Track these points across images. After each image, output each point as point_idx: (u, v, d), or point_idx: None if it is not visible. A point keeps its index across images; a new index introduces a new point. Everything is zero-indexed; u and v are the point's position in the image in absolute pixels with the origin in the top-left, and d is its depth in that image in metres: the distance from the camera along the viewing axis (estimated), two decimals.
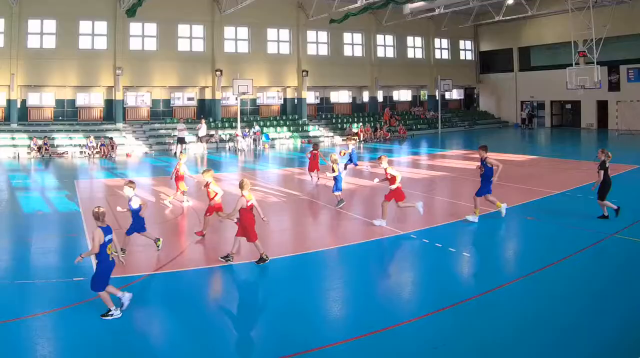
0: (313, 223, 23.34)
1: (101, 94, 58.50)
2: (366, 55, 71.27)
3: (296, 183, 33.13)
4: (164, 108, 61.79)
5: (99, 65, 55.94)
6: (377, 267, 16.98)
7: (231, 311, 13.70)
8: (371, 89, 72.05)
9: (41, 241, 19.09)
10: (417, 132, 68.93)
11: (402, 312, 13.18)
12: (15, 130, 52.28)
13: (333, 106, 72.35)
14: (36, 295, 13.76)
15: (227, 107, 64.16)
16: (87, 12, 55.24)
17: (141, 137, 56.51)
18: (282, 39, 65.88)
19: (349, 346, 11.17)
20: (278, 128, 62.75)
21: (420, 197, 25.25)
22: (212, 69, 60.71)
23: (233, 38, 62.94)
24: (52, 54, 54.14)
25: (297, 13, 65.41)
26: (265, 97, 67.89)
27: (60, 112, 57.11)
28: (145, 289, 14.72)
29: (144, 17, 55.18)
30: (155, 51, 58.66)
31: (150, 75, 58.48)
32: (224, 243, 18.84)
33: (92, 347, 11.21)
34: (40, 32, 54.17)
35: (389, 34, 72.74)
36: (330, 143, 61.64)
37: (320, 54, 68.26)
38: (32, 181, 35.63)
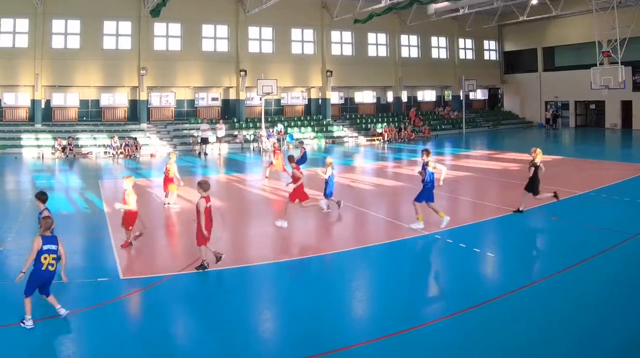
0: (337, 224, 22.57)
1: (125, 94, 57.34)
2: (390, 56, 69.26)
3: (320, 184, 29.76)
4: (188, 108, 60.39)
5: (123, 66, 54.63)
6: (402, 268, 16.61)
7: (255, 311, 13.31)
8: (395, 89, 69.97)
9: (65, 241, 17.22)
10: (441, 132, 66.84)
11: (426, 312, 13.07)
12: (39, 131, 51.23)
13: (357, 106, 70.44)
14: (60, 296, 12.92)
15: (252, 107, 62.60)
16: (112, 13, 54.04)
17: (165, 137, 55.12)
18: (307, 39, 64.14)
19: (373, 346, 11.00)
20: (302, 128, 60.91)
21: (444, 198, 24.92)
22: (237, 69, 59.12)
23: (257, 38, 61.34)
24: (77, 54, 52.89)
25: (322, 13, 63.61)
26: (290, 97, 66.21)
27: (84, 113, 55.86)
28: (169, 290, 14.50)
29: (168, 17, 53.88)
30: (180, 51, 57.29)
31: (175, 75, 57.09)
32: (247, 245, 18.93)
33: (116, 348, 11.05)
34: (65, 33, 52.94)
35: (413, 34, 70.66)
36: (354, 143, 60.34)
37: (345, 54, 66.29)
38: (57, 181, 34.65)
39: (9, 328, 11.74)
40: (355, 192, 29.40)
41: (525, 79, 77.22)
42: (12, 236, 19.22)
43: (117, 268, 15.78)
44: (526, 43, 76.41)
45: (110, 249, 17.65)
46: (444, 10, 61.93)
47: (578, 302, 13.22)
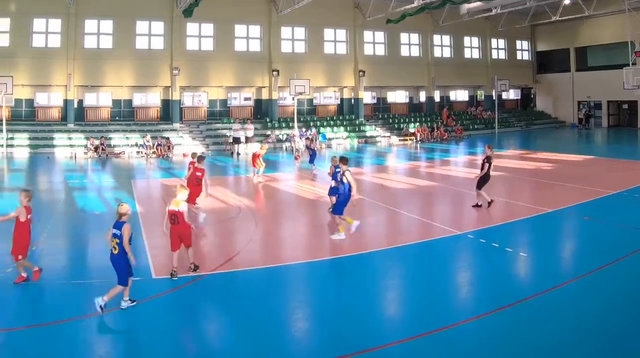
0: (369, 224, 21.63)
1: (158, 94, 56.31)
2: (423, 55, 67.29)
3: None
4: (220, 108, 59.03)
5: (156, 66, 53.55)
6: (434, 267, 16.31)
7: (287, 311, 13.11)
8: (428, 89, 68.07)
9: (98, 241, 18.00)
10: (474, 132, 65.03)
11: (458, 312, 12.81)
12: (72, 130, 50.20)
13: (390, 106, 68.52)
14: (93, 295, 12.82)
15: (284, 107, 61.12)
16: (144, 13, 53.06)
17: (198, 137, 53.80)
18: (339, 39, 62.49)
19: (405, 346, 10.87)
20: (335, 128, 59.47)
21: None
22: (269, 69, 57.80)
23: (290, 38, 59.94)
24: (109, 54, 51.87)
25: (354, 13, 61.83)
26: (322, 97, 64.65)
27: (117, 112, 54.76)
28: (202, 289, 14.41)
29: (201, 17, 52.86)
30: (212, 51, 56.09)
31: (207, 75, 55.97)
32: (279, 245, 18.75)
33: (149, 347, 11.03)
34: (97, 32, 51.88)
35: (446, 34, 68.62)
36: (386, 143, 58.78)
37: (377, 54, 64.48)
38: (89, 181, 34.18)
39: (41, 327, 11.62)
40: (388, 192, 28.91)
41: (558, 78, 74.80)
42: (44, 236, 19.02)
43: (149, 268, 15.69)
44: (559, 43, 74.08)
45: (143, 249, 17.47)
46: (476, 10, 60.45)
47: (610, 302, 13.04)
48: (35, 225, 19.58)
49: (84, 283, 14.47)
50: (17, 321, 12.10)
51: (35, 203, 23.26)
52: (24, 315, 12.54)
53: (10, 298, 13.49)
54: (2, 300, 13.20)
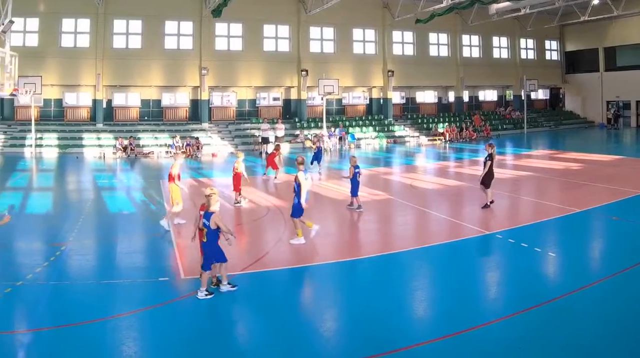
0: (398, 224, 21.62)
1: (187, 94, 54.98)
2: (452, 55, 65.25)
3: (381, 183, 31.27)
4: (249, 108, 57.45)
5: (185, 65, 52.37)
6: (463, 267, 15.81)
7: (316, 311, 12.83)
8: (457, 89, 66.13)
9: (126, 241, 18.44)
10: (503, 132, 63.25)
11: (487, 312, 12.53)
12: (100, 130, 49.19)
13: (419, 106, 66.41)
14: (122, 295, 13.23)
15: (313, 107, 59.47)
16: (173, 13, 51.92)
17: (227, 137, 52.59)
18: (368, 39, 60.70)
19: (434, 346, 10.62)
20: (364, 128, 57.73)
21: (506, 197, 25.15)
22: (298, 69, 56.27)
23: (319, 38, 58.24)
24: (138, 54, 50.83)
25: (383, 13, 60.06)
26: (351, 97, 62.95)
27: (145, 112, 53.54)
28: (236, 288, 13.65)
29: (230, 17, 51.76)
30: (241, 51, 54.72)
31: (236, 75, 54.69)
32: (308, 245, 17.82)
33: (177, 348, 10.71)
34: (126, 32, 50.86)
35: (475, 34, 66.47)
36: (415, 143, 57.06)
37: (406, 54, 62.63)
38: (118, 181, 33.40)
39: (70, 327, 11.35)
40: (417, 192, 28.36)
41: (587, 78, 72.38)
42: (73, 236, 18.69)
43: (178, 268, 15.36)
44: (587, 43, 71.75)
45: (172, 249, 17.28)
46: (505, 10, 58.62)
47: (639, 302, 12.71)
48: (64, 224, 20.20)
49: (112, 283, 14.14)
50: (47, 321, 11.75)
51: (64, 203, 25.41)
52: (53, 315, 12.06)
53: (39, 298, 13.03)
54: (31, 300, 12.88)
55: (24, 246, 17.70)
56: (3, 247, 17.52)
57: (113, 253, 17.43)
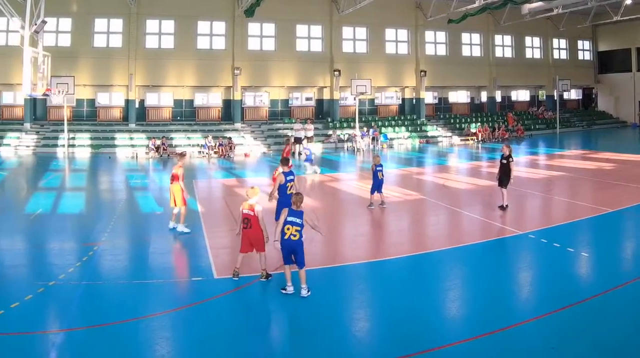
0: (431, 223, 21.27)
1: (219, 94, 53.31)
2: (484, 55, 62.50)
3: (414, 183, 30.60)
4: (282, 108, 55.59)
5: (217, 66, 50.80)
6: (496, 267, 15.43)
7: (348, 311, 12.28)
8: (489, 89, 63.49)
9: (159, 241, 17.95)
10: (535, 132, 60.68)
11: (520, 311, 12.11)
12: (133, 130, 47.87)
13: (451, 106, 63.95)
14: (154, 295, 12.99)
15: (346, 107, 57.30)
16: (205, 13, 50.46)
17: (259, 137, 50.70)
18: (401, 39, 58.40)
19: (467, 346, 10.20)
20: (396, 128, 55.45)
21: (539, 197, 24.86)
22: (330, 69, 54.15)
23: (351, 38, 56.01)
24: (170, 54, 49.45)
25: (415, 13, 57.69)
26: (384, 97, 60.56)
27: (178, 112, 52.09)
28: (263, 289, 13.49)
29: (262, 17, 50.16)
30: (274, 51, 52.94)
31: (269, 75, 52.90)
32: (341, 245, 18.06)
33: (210, 348, 10.31)
34: (159, 33, 49.46)
35: (507, 34, 63.58)
36: (448, 143, 54.93)
37: (439, 54, 60.14)
38: (150, 181, 32.40)
39: (102, 327, 11.03)
40: (449, 192, 27.48)
41: (620, 78, 69.66)
42: (105, 235, 18.27)
43: (211, 267, 14.80)
44: (620, 43, 69.07)
45: (205, 249, 16.72)
46: (537, 10, 56.52)
47: None
48: (96, 224, 19.71)
49: (145, 283, 13.78)
50: (79, 321, 11.38)
51: (97, 203, 24.94)
52: (85, 315, 11.67)
53: (72, 298, 12.61)
54: (64, 300, 12.46)
55: (56, 246, 17.26)
56: (36, 246, 17.24)
57: (145, 253, 16.93)
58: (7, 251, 16.61)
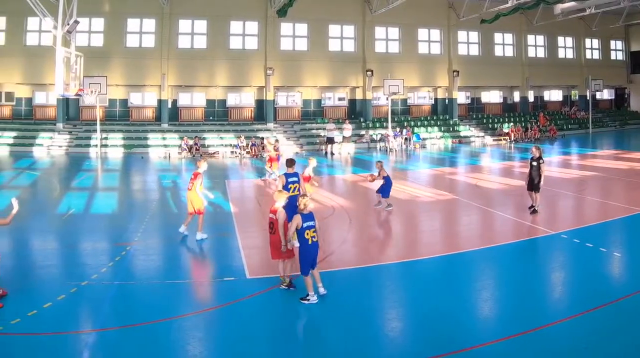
0: (463, 223, 20.54)
1: (252, 94, 51.46)
2: (517, 55, 59.51)
3: (446, 183, 29.62)
4: (314, 108, 53.56)
5: (250, 66, 49.01)
6: (528, 267, 14.84)
7: (381, 310, 11.82)
8: (522, 89, 60.52)
9: (192, 241, 17.18)
10: (568, 132, 58.00)
11: (552, 311, 11.58)
12: (166, 130, 46.24)
13: (484, 106, 61.31)
14: (187, 295, 12.74)
15: (378, 107, 54.97)
16: (238, 13, 48.71)
17: (292, 137, 48.71)
18: (433, 39, 55.92)
19: (499, 346, 9.91)
20: (429, 128, 53.17)
21: (571, 197, 24.31)
22: (363, 69, 51.83)
23: (384, 38, 53.60)
24: (203, 54, 47.79)
25: (448, 13, 55.20)
26: (416, 97, 58.10)
27: (210, 112, 50.38)
28: (296, 289, 12.69)
29: (295, 17, 48.41)
30: (306, 51, 50.87)
31: (301, 75, 50.91)
32: (373, 245, 17.60)
33: (242, 348, 10.03)
34: (191, 33, 47.77)
35: (540, 34, 60.56)
36: (480, 143, 52.69)
37: (471, 54, 57.46)
38: (183, 181, 30.55)
39: (135, 327, 10.69)
40: (482, 192, 26.69)
41: None
42: (138, 236, 17.79)
43: (244, 267, 14.41)
44: None
45: (237, 249, 16.26)
46: (570, 10, 53.84)
47: None
48: (129, 224, 19.30)
49: (177, 283, 13.46)
50: (112, 321, 11.07)
51: (130, 203, 24.32)
52: (118, 315, 11.34)
53: (104, 298, 12.29)
54: (97, 300, 12.14)
55: (89, 246, 16.84)
56: (69, 247, 16.80)
57: (178, 253, 16.45)
58: (40, 251, 16.15)
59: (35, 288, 12.78)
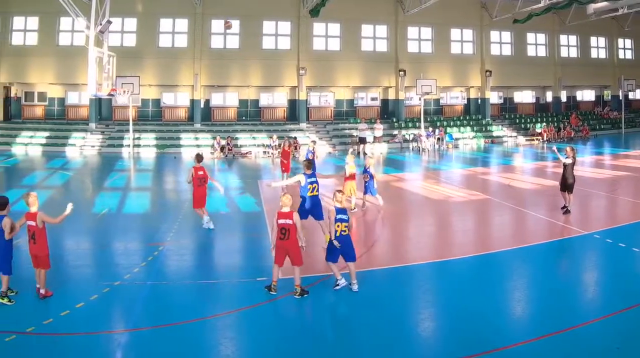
0: (495, 224, 19.96)
1: (284, 94, 49.54)
2: (549, 55, 56.46)
3: (479, 183, 28.80)
4: (347, 108, 51.39)
5: (282, 66, 47.17)
6: (560, 267, 14.51)
7: (414, 310, 11.46)
8: (554, 89, 57.47)
9: (224, 241, 16.91)
10: (600, 132, 55.35)
11: (585, 311, 11.18)
12: (198, 130, 44.60)
13: (516, 106, 58.62)
14: (219, 295, 12.14)
15: (411, 107, 52.59)
16: (271, 13, 46.93)
17: (325, 137, 46.45)
18: (466, 39, 53.49)
19: (531, 346, 9.53)
20: (461, 128, 50.89)
21: (604, 197, 23.50)
22: (396, 69, 49.52)
23: (416, 38, 51.22)
24: (236, 54, 46.05)
25: (481, 13, 52.67)
26: (449, 97, 55.71)
27: (243, 112, 48.61)
28: (327, 289, 12.30)
29: (327, 17, 46.24)
30: (339, 51, 48.71)
31: (334, 75, 48.80)
32: (406, 245, 17.15)
33: (275, 347, 9.79)
34: (224, 32, 45.83)
35: (572, 34, 58.05)
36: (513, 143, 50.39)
37: (504, 54, 54.67)
38: (216, 181, 28.65)
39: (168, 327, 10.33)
40: (514, 192, 25.79)
41: None
42: (171, 236, 17.26)
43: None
44: None
45: (269, 249, 14.26)
46: (602, 10, 50.93)
47: None
48: (162, 224, 18.72)
49: (210, 283, 12.98)
50: (144, 321, 10.64)
51: (162, 203, 24.01)
52: (150, 315, 10.92)
53: (137, 298, 11.83)
54: (129, 300, 11.66)
55: (122, 246, 16.42)
56: (102, 247, 16.37)
57: (210, 253, 16.25)
58: (73, 251, 15.66)
59: (68, 288, 12.32)
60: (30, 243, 11.62)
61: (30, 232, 11.49)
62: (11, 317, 10.64)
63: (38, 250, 11.50)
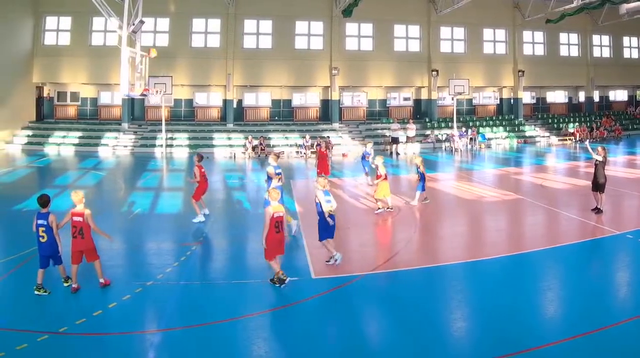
0: (528, 223, 19.11)
1: (317, 94, 47.50)
2: (582, 56, 53.65)
3: (511, 183, 27.82)
4: (380, 108, 49.18)
5: (315, 66, 45.28)
6: (592, 267, 14.10)
7: (446, 310, 11.08)
8: (587, 89, 54.63)
9: (257, 241, 14.99)
10: (633, 132, 52.59)
11: (618, 311, 10.77)
12: (231, 130, 42.78)
13: (549, 106, 55.64)
14: (252, 295, 11.82)
15: (443, 107, 50.32)
16: (303, 13, 45.05)
17: (357, 137, 44.39)
18: (498, 39, 50.95)
19: (565, 346, 9.31)
20: (494, 128, 48.57)
21: (636, 197, 22.50)
22: (428, 69, 47.30)
23: (449, 38, 48.93)
24: (268, 54, 44.29)
25: (513, 13, 50.19)
26: (481, 97, 53.07)
27: (276, 112, 46.76)
28: (361, 289, 12.32)
29: (360, 17, 44.39)
30: (371, 51, 46.62)
31: (366, 75, 46.74)
32: (438, 245, 16.60)
33: (307, 347, 9.55)
34: (257, 33, 44.14)
35: (605, 34, 55.17)
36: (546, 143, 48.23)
37: (537, 54, 51.96)
38: (248, 181, 29.98)
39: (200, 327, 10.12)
40: (547, 192, 24.91)
41: None
42: (203, 236, 16.87)
43: (309, 267, 13.47)
44: None
45: (303, 249, 15.22)
46: (635, 10, 46.93)
47: None
48: (194, 224, 18.16)
49: (243, 283, 12.55)
50: (177, 321, 10.36)
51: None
52: (183, 315, 10.59)
53: (170, 298, 11.43)
54: (162, 300, 11.31)
55: (154, 246, 16.02)
56: (135, 247, 15.95)
57: (243, 253, 15.69)
58: (106, 251, 14.65)
59: (101, 288, 11.94)
60: (76, 239, 11.48)
61: (78, 228, 11.43)
62: (44, 317, 10.33)
63: (86, 245, 11.52)
